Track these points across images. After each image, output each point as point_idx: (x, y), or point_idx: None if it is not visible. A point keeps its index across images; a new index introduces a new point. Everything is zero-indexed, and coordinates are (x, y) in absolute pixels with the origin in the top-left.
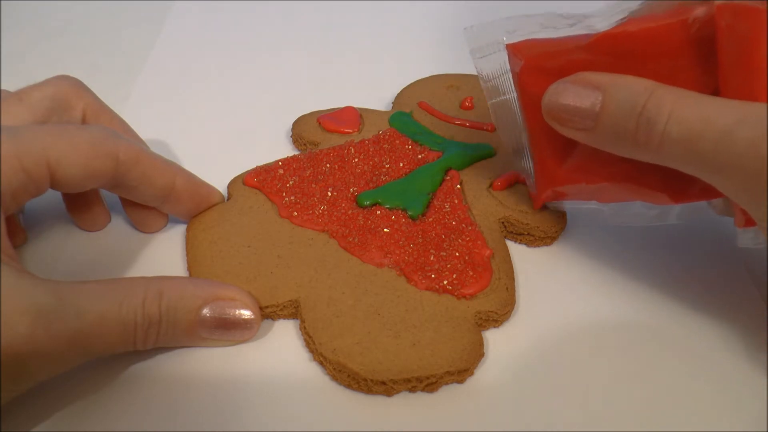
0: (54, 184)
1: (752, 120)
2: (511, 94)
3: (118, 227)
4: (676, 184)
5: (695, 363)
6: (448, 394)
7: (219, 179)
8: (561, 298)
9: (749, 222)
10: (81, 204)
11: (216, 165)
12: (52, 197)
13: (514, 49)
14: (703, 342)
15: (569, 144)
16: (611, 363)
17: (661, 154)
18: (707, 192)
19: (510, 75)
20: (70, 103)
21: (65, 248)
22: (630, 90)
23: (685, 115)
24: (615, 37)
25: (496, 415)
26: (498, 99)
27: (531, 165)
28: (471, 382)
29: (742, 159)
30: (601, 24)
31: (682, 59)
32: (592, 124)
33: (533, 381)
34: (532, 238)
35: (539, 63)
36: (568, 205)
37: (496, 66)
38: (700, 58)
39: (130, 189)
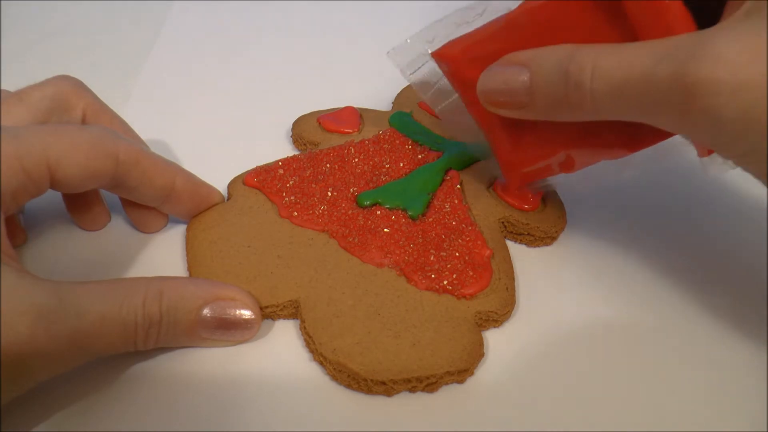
0: (54, 185)
1: (670, 55)
2: (454, 95)
3: (118, 227)
4: (627, 134)
5: (695, 363)
6: (448, 394)
7: (219, 179)
8: (561, 298)
9: (710, 150)
10: (81, 204)
11: (216, 165)
12: (52, 197)
13: (439, 56)
14: (703, 342)
15: (519, 125)
16: (611, 363)
17: (598, 111)
18: (658, 134)
19: (446, 79)
20: (70, 104)
21: (65, 248)
22: (552, 58)
23: (607, 67)
24: (525, 12)
25: (496, 415)
26: (444, 104)
27: (494, 156)
28: (471, 382)
29: (669, 95)
30: (508, 3)
31: (594, 16)
32: (527, 100)
33: (533, 381)
34: (532, 238)
35: (466, 57)
36: (541, 184)
37: (430, 75)
38: (613, 11)
39: (130, 189)
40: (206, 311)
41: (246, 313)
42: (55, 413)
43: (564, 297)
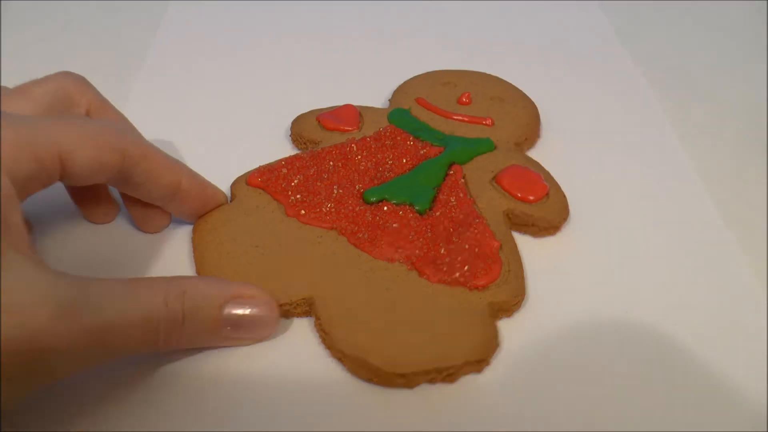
0: (63, 175)
1: None
2: None
3: (124, 224)
4: None
5: (694, 362)
6: (467, 384)
7: (218, 179)
8: (568, 286)
9: None
10: (90, 196)
11: (215, 165)
12: (57, 191)
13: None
14: (703, 342)
15: None
16: (621, 352)
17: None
18: None
19: None
20: (73, 100)
21: (71, 242)
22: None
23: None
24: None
25: (514, 405)
26: None
27: None
28: (488, 372)
29: None
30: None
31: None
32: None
33: (547, 370)
34: (536, 229)
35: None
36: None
37: None
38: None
39: (136, 185)
40: (228, 309)
41: (266, 311)
42: (55, 413)
43: (569, 286)
